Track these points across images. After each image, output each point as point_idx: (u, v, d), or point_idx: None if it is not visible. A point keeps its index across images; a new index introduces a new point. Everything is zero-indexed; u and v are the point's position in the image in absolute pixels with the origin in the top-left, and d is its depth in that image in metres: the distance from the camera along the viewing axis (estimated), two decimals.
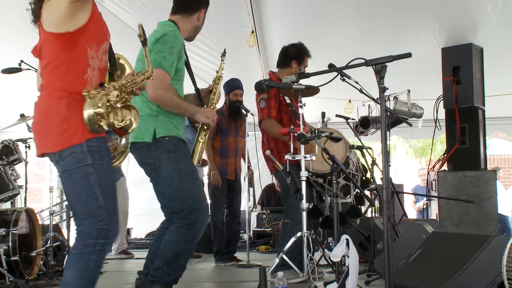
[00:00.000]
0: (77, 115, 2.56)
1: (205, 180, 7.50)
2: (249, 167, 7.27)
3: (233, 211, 7.14)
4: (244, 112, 6.70)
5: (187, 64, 4.03)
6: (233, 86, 6.94)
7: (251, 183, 7.48)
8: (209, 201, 7.21)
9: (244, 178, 7.04)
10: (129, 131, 2.76)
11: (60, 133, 2.58)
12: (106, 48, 2.82)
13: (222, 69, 4.16)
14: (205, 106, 4.04)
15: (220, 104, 5.87)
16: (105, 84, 2.73)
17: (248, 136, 6.99)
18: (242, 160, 7.35)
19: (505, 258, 2.57)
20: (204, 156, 4.13)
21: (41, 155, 2.75)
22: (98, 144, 2.65)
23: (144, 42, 2.91)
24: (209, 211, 7.17)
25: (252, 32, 7.26)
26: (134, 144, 3.72)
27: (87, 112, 2.55)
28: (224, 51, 4.23)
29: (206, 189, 7.24)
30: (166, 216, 3.78)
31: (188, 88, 4.06)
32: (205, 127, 3.98)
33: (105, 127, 2.61)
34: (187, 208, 3.61)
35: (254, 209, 8.44)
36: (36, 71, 3.16)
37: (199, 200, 3.69)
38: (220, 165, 6.96)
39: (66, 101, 2.59)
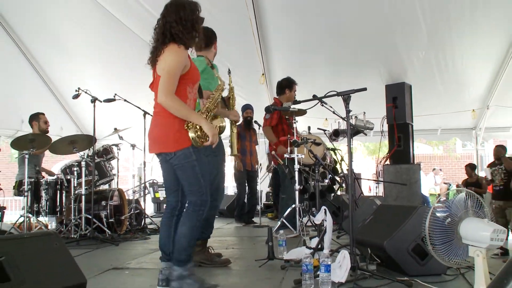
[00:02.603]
0: (185, 129, 2.62)
1: (231, 171, 7.46)
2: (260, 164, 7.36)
3: (252, 191, 7.13)
4: (255, 125, 6.74)
5: None
6: (246, 108, 7.07)
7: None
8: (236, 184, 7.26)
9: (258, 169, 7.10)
10: (223, 131, 2.78)
11: (176, 139, 2.61)
12: (198, 85, 2.84)
13: (231, 82, 3.97)
14: (229, 108, 3.92)
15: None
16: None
17: (258, 144, 7.18)
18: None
19: (427, 221, 2.56)
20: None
21: (155, 153, 2.76)
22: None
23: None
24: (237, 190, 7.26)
25: (263, 74, 7.31)
26: None
27: (191, 136, 2.61)
28: (229, 70, 3.84)
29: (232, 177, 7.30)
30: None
31: None
32: (234, 122, 3.84)
33: (206, 144, 2.65)
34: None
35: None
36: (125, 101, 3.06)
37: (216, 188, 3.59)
38: (241, 160, 6.99)
39: (177, 120, 2.61)
